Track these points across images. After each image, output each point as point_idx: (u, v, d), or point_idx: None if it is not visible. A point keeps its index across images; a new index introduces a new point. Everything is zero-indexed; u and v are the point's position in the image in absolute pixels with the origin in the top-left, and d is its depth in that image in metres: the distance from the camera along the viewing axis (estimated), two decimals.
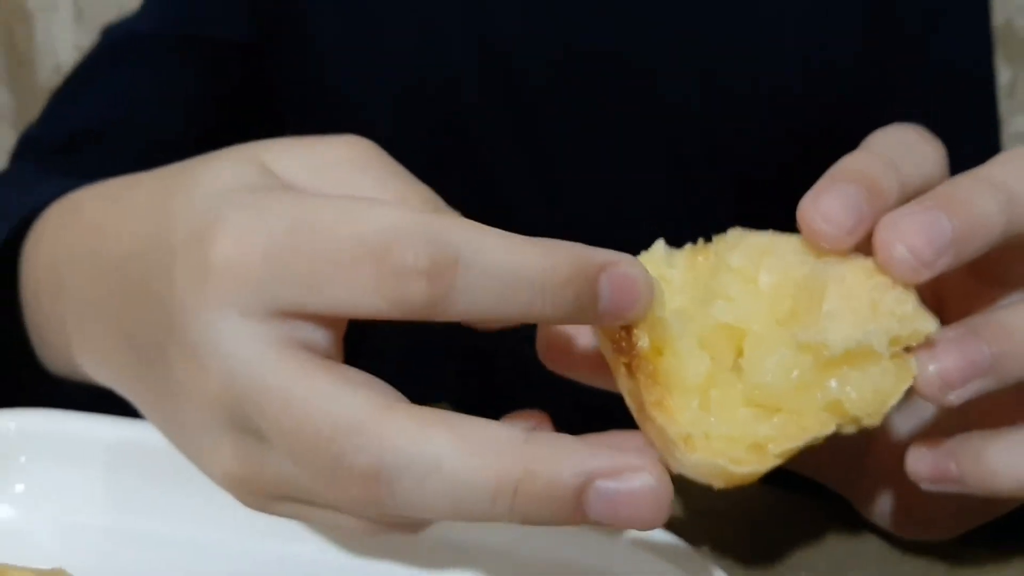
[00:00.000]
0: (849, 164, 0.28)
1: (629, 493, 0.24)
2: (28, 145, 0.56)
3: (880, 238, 0.26)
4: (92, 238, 0.33)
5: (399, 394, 0.25)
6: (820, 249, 0.27)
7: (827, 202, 0.26)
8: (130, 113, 0.55)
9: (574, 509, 0.24)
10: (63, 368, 0.37)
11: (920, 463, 0.28)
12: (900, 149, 0.29)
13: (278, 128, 0.63)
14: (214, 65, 0.57)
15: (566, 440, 0.24)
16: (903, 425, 0.32)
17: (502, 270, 0.24)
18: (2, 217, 0.39)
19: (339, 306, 0.25)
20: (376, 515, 0.26)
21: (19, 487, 0.34)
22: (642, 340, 0.26)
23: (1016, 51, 0.62)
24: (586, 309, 0.25)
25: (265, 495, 0.28)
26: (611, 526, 0.24)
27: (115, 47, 0.57)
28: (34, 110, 0.96)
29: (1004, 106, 0.62)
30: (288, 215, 0.26)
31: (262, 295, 0.25)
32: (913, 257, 0.26)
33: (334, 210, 0.25)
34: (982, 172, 0.28)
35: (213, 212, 0.27)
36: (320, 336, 0.26)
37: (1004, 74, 0.62)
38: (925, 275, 0.26)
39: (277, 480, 0.27)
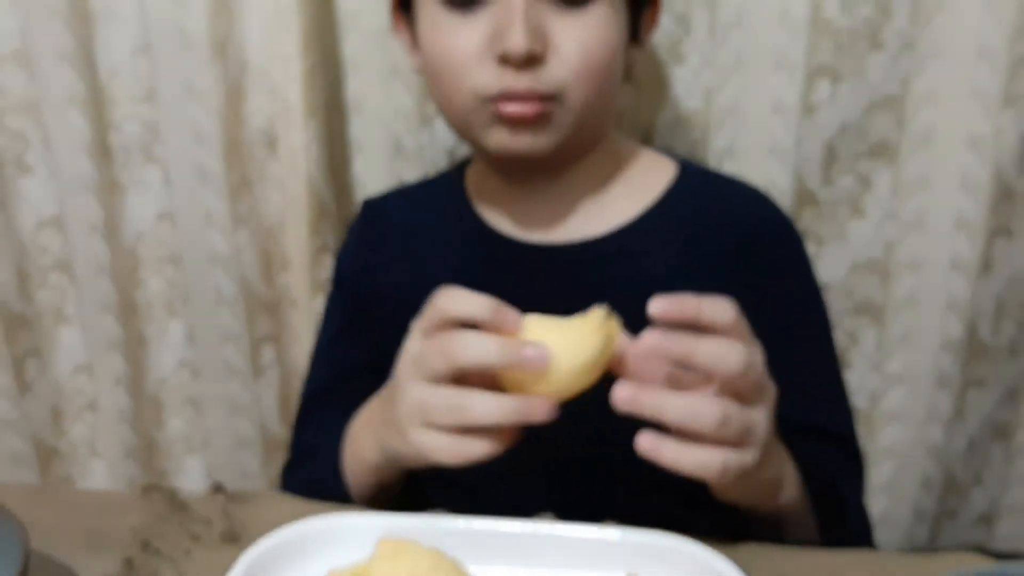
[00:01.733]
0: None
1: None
2: (291, 456, 0.93)
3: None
4: (364, 412, 0.75)
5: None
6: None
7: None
8: (322, 437, 0.83)
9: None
10: (356, 489, 0.75)
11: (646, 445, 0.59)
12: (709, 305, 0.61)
13: None
14: (359, 387, 0.83)
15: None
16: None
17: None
18: (327, 459, 0.78)
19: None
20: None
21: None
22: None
23: (876, 318, 0.91)
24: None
25: (427, 420, 0.62)
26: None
27: (304, 404, 0.93)
28: (145, 412, 1.19)
29: (873, 357, 0.90)
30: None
31: (418, 374, 0.63)
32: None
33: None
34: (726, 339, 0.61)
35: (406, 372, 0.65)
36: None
37: (870, 334, 0.91)
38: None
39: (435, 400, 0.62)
